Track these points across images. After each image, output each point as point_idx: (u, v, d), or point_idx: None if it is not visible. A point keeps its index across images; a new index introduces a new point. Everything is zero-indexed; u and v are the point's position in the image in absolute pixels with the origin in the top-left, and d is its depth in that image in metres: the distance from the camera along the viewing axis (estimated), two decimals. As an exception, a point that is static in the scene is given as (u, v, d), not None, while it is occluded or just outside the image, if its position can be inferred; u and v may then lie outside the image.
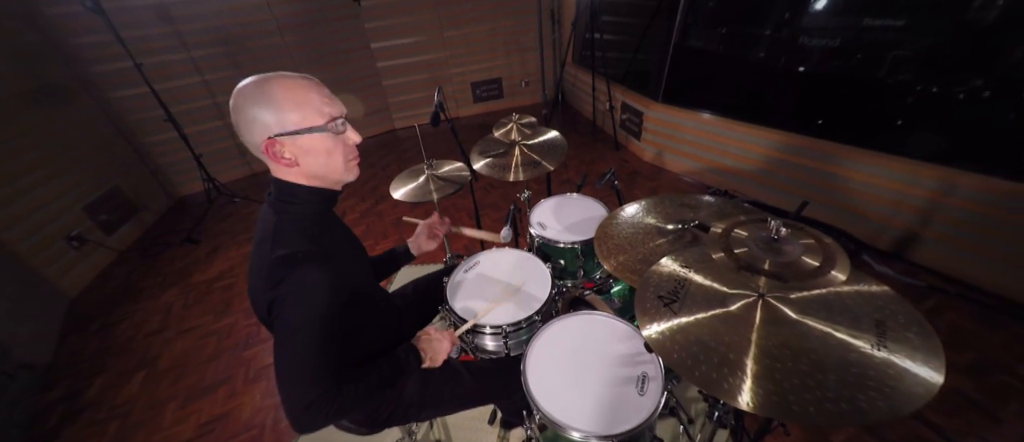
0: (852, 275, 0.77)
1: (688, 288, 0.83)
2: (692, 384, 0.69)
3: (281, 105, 0.76)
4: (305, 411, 0.73)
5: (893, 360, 0.60)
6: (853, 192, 2.24)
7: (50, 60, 3.01)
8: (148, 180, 3.62)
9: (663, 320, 0.77)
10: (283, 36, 3.99)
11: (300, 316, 0.75)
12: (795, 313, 0.71)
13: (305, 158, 0.81)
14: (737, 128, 2.73)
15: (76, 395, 2.01)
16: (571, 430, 0.86)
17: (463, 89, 5.12)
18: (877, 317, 0.67)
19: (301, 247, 0.78)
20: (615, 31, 3.97)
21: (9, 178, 2.49)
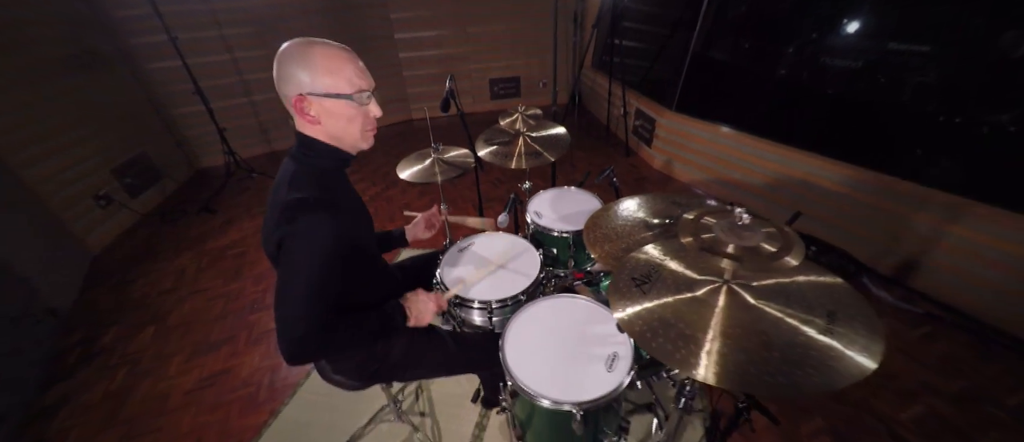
0: (813, 268, 0.81)
1: (661, 273, 0.87)
2: (651, 355, 0.73)
3: (317, 68, 0.84)
4: (297, 342, 0.81)
5: (836, 344, 0.64)
6: (858, 213, 2.23)
7: (94, 28, 3.19)
8: (173, 150, 3.79)
9: (634, 302, 0.81)
10: (310, 19, 4.12)
11: (304, 256, 0.82)
12: (754, 298, 0.75)
13: (327, 119, 0.89)
14: (748, 142, 2.74)
15: (92, 341, 2.14)
16: (540, 398, 0.91)
17: (481, 85, 5.21)
18: (830, 308, 0.71)
19: (314, 194, 0.86)
20: (636, 38, 4.00)
21: (47, 136, 2.65)
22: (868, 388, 1.63)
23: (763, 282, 0.78)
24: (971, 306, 1.89)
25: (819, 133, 2.43)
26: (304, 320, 0.82)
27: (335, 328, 0.86)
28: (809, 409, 1.57)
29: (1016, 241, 1.71)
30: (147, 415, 1.75)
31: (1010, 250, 1.72)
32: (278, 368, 1.91)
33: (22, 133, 2.51)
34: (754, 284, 0.78)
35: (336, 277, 0.87)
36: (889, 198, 2.08)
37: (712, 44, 3.06)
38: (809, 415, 1.56)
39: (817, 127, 2.48)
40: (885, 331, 0.67)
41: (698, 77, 3.14)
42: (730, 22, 2.98)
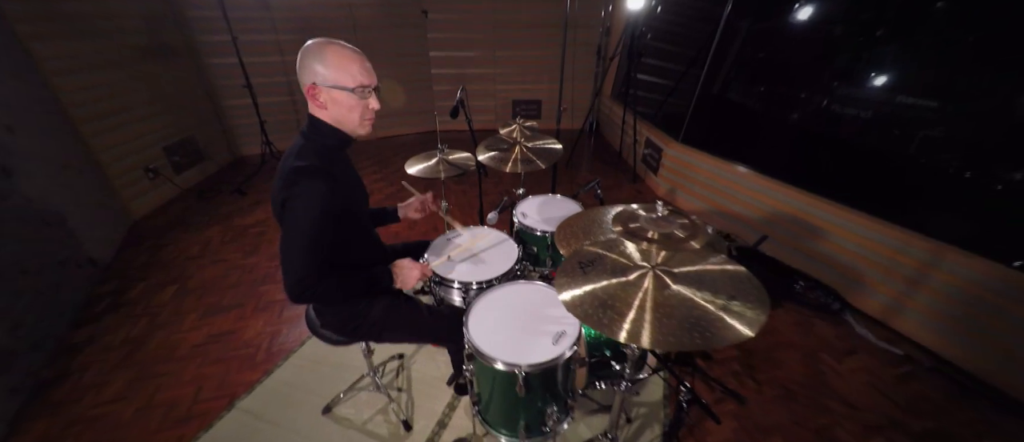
0: (725, 259, 0.92)
1: (605, 261, 1.00)
2: (583, 322, 0.84)
3: (328, 64, 1.03)
4: (297, 284, 0.98)
5: (725, 317, 0.75)
6: (846, 252, 2.26)
7: (168, 24, 3.64)
8: (218, 136, 4.18)
9: (577, 284, 0.93)
10: (356, 33, 4.54)
11: (303, 213, 1.00)
12: (672, 282, 0.86)
13: (333, 106, 1.08)
14: (747, 176, 2.81)
15: (121, 292, 2.38)
16: (492, 360, 1.03)
17: (505, 105, 5.49)
18: (732, 292, 0.81)
19: (314, 163, 1.04)
20: (652, 73, 4.19)
21: (118, 112, 3.03)
22: (833, 417, 1.64)
23: (683, 270, 0.89)
24: (950, 352, 1.87)
25: (815, 173, 2.50)
26: (302, 266, 0.99)
27: (329, 276, 1.03)
28: (770, 430, 1.60)
29: (1000, 292, 1.71)
30: (157, 361, 1.93)
31: (995, 301, 1.73)
32: (277, 334, 2.08)
33: (99, 107, 2.89)
34: (676, 271, 0.89)
35: (329, 233, 1.04)
36: (878, 240, 2.11)
37: (718, 83, 3.20)
38: (769, 435, 1.58)
39: (813, 167, 2.55)
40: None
41: (704, 113, 3.27)
42: (735, 64, 3.13)
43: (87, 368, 1.89)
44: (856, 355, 1.95)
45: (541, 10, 4.92)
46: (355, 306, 1.24)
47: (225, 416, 1.65)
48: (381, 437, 1.57)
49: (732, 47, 3.12)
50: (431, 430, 1.59)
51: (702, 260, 0.93)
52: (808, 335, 2.08)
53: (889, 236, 2.07)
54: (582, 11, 4.81)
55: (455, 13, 4.91)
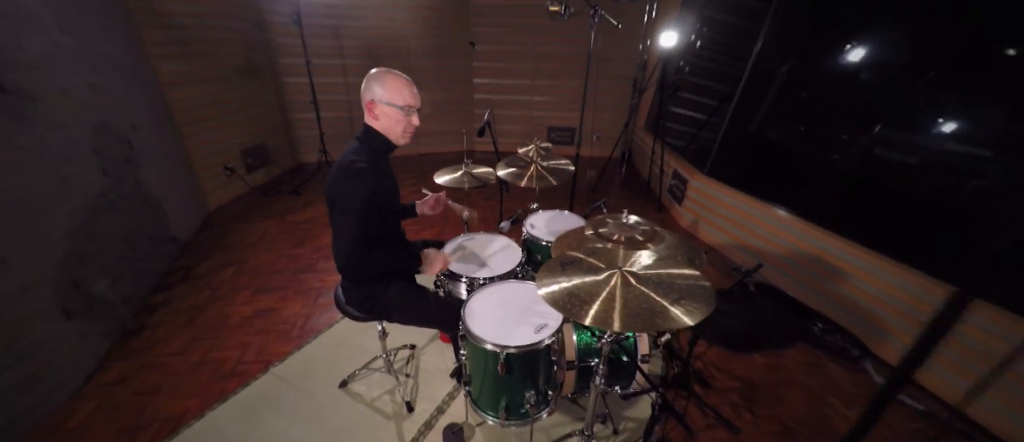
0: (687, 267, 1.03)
1: (583, 263, 1.14)
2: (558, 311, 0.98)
3: (386, 87, 1.32)
4: (350, 255, 1.24)
5: (670, 309, 0.87)
6: (868, 297, 2.19)
7: (258, 49, 4.30)
8: (284, 143, 4.76)
9: (556, 279, 1.08)
10: (412, 60, 5.06)
11: (353, 201, 1.25)
12: (635, 281, 0.99)
13: (383, 118, 1.36)
14: (769, 212, 2.80)
15: (191, 268, 2.80)
16: (480, 340, 1.19)
17: (540, 130, 5.76)
18: (680, 293, 0.93)
19: (365, 161, 1.29)
20: (689, 107, 4.27)
21: (212, 118, 3.62)
22: (829, 459, 1.60)
23: (644, 272, 1.02)
24: (983, 417, 1.75)
25: (846, 215, 2.45)
26: (354, 240, 1.23)
27: (372, 252, 1.28)
28: (759, 463, 1.59)
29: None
30: (213, 327, 2.26)
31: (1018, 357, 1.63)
32: (310, 316, 2.35)
33: (198, 113, 3.47)
34: (639, 272, 1.02)
35: (373, 218, 1.29)
36: (902, 287, 2.04)
37: (756, 120, 3.23)
38: (757, 467, 1.57)
39: (846, 209, 2.50)
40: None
41: (732, 147, 3.30)
42: (775, 101, 3.16)
43: (159, 325, 2.26)
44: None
45: (580, 44, 5.20)
46: (374, 287, 1.45)
47: (260, 378, 1.91)
48: (385, 414, 1.74)
49: (772, 84, 3.14)
50: (430, 414, 1.74)
51: (665, 266, 1.05)
52: (818, 376, 2.03)
53: (914, 283, 2.00)
54: (618, 46, 5.04)
55: (500, 45, 5.33)
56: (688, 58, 4.46)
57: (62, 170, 1.93)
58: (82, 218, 2.01)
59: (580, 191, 4.47)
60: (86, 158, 2.14)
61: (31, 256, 1.70)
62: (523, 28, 5.17)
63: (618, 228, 1.01)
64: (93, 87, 2.30)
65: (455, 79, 5.39)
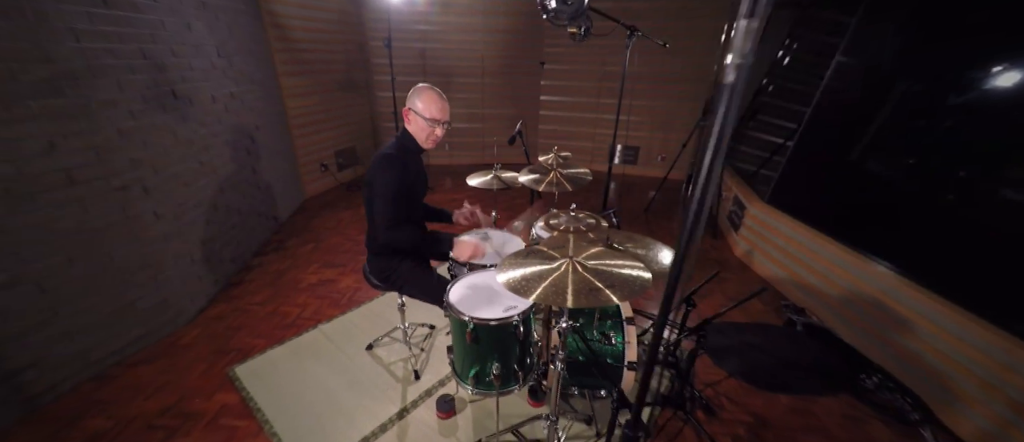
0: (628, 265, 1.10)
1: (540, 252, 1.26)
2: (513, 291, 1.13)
3: (422, 100, 1.62)
4: (387, 229, 1.55)
5: (603, 290, 0.97)
6: (941, 356, 1.86)
7: (358, 68, 5.13)
8: (370, 148, 5.53)
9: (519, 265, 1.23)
10: (483, 79, 5.53)
11: (385, 185, 1.56)
12: (582, 270, 1.09)
13: (413, 124, 1.66)
14: (830, 248, 2.51)
15: (282, 242, 3.45)
16: (456, 310, 1.37)
17: (601, 147, 5.78)
18: (613, 281, 1.01)
19: (395, 154, 1.60)
20: (767, 130, 3.98)
21: (315, 123, 4.42)
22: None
23: (592, 263, 1.11)
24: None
25: (915, 257, 2.11)
26: (390, 217, 1.54)
27: (404, 228, 1.59)
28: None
29: None
30: (287, 287, 2.79)
31: None
32: (358, 290, 2.76)
33: (306, 119, 4.29)
34: (588, 263, 1.12)
35: (402, 200, 1.58)
36: (983, 348, 1.71)
37: (819, 144, 2.93)
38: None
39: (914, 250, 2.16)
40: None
41: (798, 174, 3.01)
42: (833, 126, 2.84)
43: (252, 280, 2.86)
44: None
45: (647, 64, 5.17)
46: (391, 261, 1.74)
47: (310, 331, 2.33)
48: (396, 377, 2.01)
49: (882, 110, 2.74)
50: (432, 384, 1.96)
51: (609, 258, 1.13)
52: (854, 431, 1.78)
53: (999, 346, 1.67)
54: (689, 66, 4.90)
55: (568, 64, 5.54)
56: (773, 76, 4.16)
57: (203, 156, 2.62)
58: (212, 193, 2.69)
59: (633, 209, 4.41)
60: (221, 149, 2.85)
61: (175, 215, 2.34)
62: (590, 47, 5.31)
63: (569, 221, 1.13)
64: (234, 96, 3.06)
65: (523, 96, 5.73)
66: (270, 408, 1.82)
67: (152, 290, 2.19)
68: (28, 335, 1.74)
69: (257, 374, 2.02)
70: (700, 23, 4.80)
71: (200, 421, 1.76)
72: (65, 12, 1.76)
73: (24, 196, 1.66)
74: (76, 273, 1.86)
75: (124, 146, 2.01)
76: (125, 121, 2.02)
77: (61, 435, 1.68)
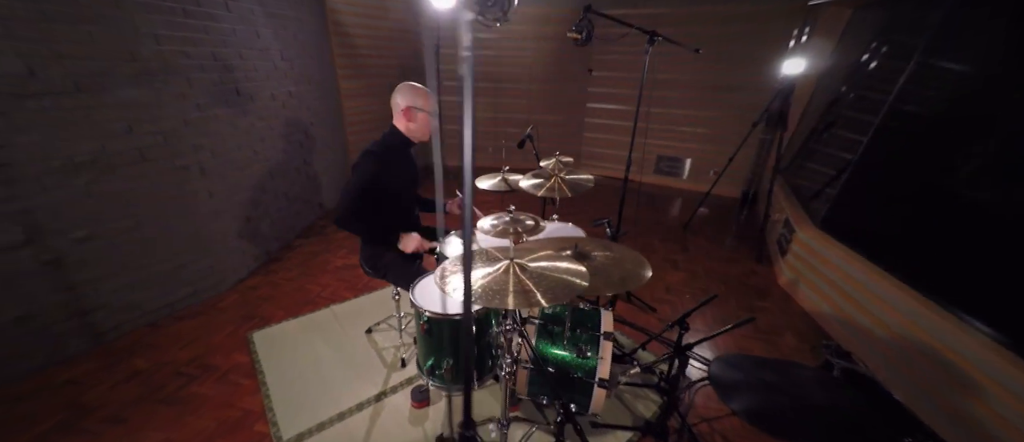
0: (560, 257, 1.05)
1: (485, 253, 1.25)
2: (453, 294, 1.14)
3: (421, 98, 1.79)
4: (342, 216, 1.67)
5: (534, 291, 0.95)
6: (1004, 423, 1.48)
7: (411, 73, 5.48)
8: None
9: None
10: (529, 85, 5.59)
11: (357, 175, 1.67)
12: (520, 272, 1.07)
13: (416, 121, 1.82)
14: (890, 288, 2.12)
15: (324, 227, 3.79)
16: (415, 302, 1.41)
17: (648, 158, 5.51)
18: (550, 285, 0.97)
19: (375, 150, 1.71)
20: (840, 145, 3.51)
21: (367, 121, 4.81)
22: None
23: (532, 265, 1.08)
24: None
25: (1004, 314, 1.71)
26: (346, 205, 1.65)
27: (360, 219, 1.68)
28: None
29: None
30: (315, 268, 3.06)
31: None
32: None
33: (360, 117, 4.68)
34: (528, 265, 1.09)
35: (369, 194, 1.68)
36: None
37: (882, 163, 2.51)
38: None
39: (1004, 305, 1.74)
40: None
41: (856, 196, 2.61)
42: (907, 140, 2.40)
43: (289, 259, 3.18)
44: None
45: (696, 72, 4.86)
46: (376, 249, 1.84)
47: (322, 310, 2.54)
48: (385, 362, 2.10)
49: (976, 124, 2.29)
50: (415, 373, 2.01)
51: (548, 259, 1.09)
52: (877, 504, 1.48)
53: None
54: (739, 73, 4.51)
55: (618, 72, 5.38)
56: (854, 83, 3.65)
57: (258, 146, 2.99)
58: (262, 178, 3.05)
59: (670, 224, 4.14)
60: (276, 140, 3.23)
61: (227, 195, 2.70)
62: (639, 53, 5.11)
63: (512, 223, 1.11)
64: (292, 94, 3.45)
65: (570, 103, 5.67)
66: (270, 373, 2.01)
67: (201, 257, 2.55)
68: (100, 283, 2.12)
69: (269, 341, 2.24)
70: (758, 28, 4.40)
71: (215, 374, 2.01)
72: (151, 20, 2.14)
73: (106, 168, 2.04)
74: (140, 236, 2.23)
75: (188, 133, 2.38)
76: (191, 112, 2.39)
77: (112, 367, 2.02)
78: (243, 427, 1.73)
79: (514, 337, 1.26)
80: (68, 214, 1.96)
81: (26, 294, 1.89)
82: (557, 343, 1.62)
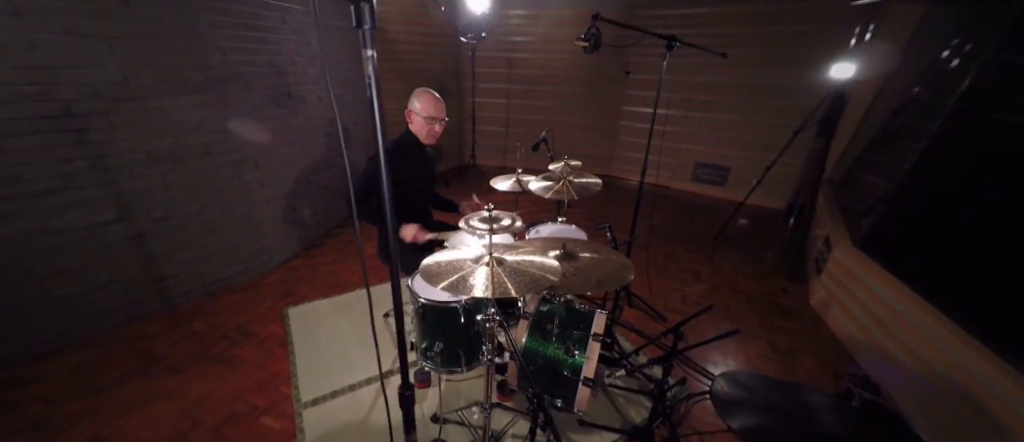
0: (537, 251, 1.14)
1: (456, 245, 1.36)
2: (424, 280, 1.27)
3: (419, 101, 1.91)
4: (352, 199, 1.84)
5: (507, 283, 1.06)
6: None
7: (451, 76, 5.72)
8: (457, 148, 6.09)
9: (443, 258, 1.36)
10: (563, 87, 5.61)
11: (368, 165, 1.87)
12: (497, 265, 1.17)
13: (414, 123, 1.95)
14: (928, 319, 1.94)
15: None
16: (412, 289, 1.56)
17: (685, 164, 5.32)
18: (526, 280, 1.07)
19: (389, 146, 1.88)
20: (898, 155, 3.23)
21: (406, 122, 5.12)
22: None
23: (509, 259, 1.18)
24: None
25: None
26: (356, 190, 1.84)
27: (367, 203, 1.86)
28: None
29: None
30: (349, 256, 3.35)
31: None
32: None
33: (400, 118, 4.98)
34: (507, 259, 1.19)
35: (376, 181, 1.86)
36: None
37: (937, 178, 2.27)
38: None
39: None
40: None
41: (902, 214, 2.38)
42: (969, 153, 2.15)
43: (327, 246, 3.51)
44: None
45: (743, 74, 4.61)
46: (385, 238, 2.02)
47: (349, 293, 2.80)
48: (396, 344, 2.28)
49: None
50: (421, 357, 2.18)
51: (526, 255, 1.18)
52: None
53: None
54: (788, 76, 4.23)
55: (655, 74, 5.22)
56: (926, 84, 3.31)
57: (304, 142, 3.33)
58: (306, 171, 3.40)
59: (701, 233, 3.99)
60: (319, 139, 3.57)
61: (275, 185, 3.05)
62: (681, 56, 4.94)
63: (488, 221, 1.21)
64: (336, 97, 3.78)
65: (604, 106, 5.62)
66: (298, 344, 2.28)
67: (253, 240, 2.91)
68: (172, 255, 2.52)
69: (301, 317, 2.52)
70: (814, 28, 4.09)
71: (254, 340, 2.31)
72: (218, 34, 2.49)
73: (178, 161, 2.42)
74: (203, 219, 2.61)
75: (245, 131, 2.73)
76: (249, 113, 2.74)
77: (175, 327, 2.39)
78: (271, 387, 1.99)
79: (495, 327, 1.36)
80: (149, 198, 2.36)
81: (116, 262, 2.30)
82: (548, 340, 1.69)
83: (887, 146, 3.39)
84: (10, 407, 1.82)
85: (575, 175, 2.21)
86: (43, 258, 2.07)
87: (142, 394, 1.92)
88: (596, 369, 1.61)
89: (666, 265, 3.33)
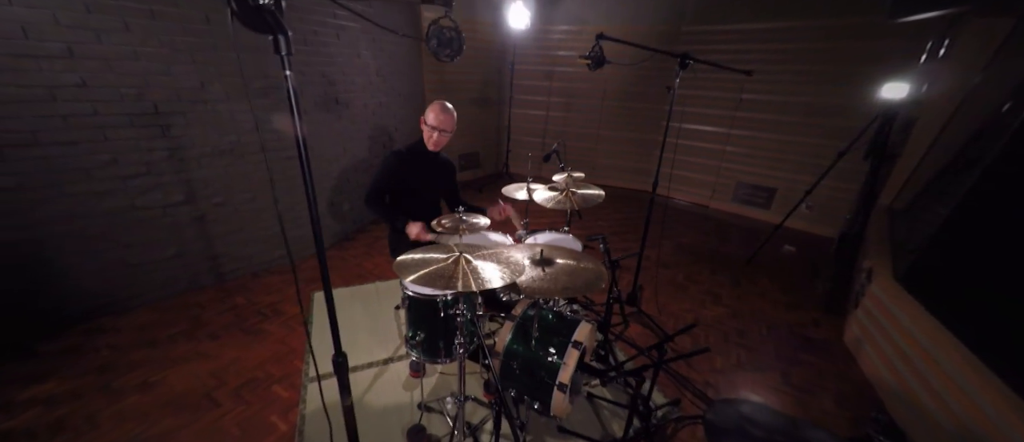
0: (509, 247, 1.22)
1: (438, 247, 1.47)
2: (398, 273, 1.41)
3: (429, 110, 2.07)
4: (367, 196, 2.06)
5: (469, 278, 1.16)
6: None
7: (493, 88, 5.95)
8: (494, 156, 6.30)
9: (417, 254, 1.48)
10: (602, 101, 5.61)
11: (381, 165, 2.06)
12: (465, 263, 1.28)
13: (424, 131, 2.10)
14: (963, 365, 1.72)
15: (395, 218, 4.41)
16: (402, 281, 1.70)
17: (726, 184, 5.07)
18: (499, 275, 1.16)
19: (400, 150, 2.08)
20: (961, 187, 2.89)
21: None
22: None
23: (475, 257, 1.28)
24: None
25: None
26: (369, 189, 2.04)
27: (378, 202, 2.05)
28: None
29: None
30: (375, 250, 3.61)
31: None
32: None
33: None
34: (473, 257, 1.29)
35: (387, 182, 2.06)
36: None
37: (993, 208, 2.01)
38: None
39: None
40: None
41: (951, 247, 2.13)
42: None
43: (359, 239, 3.81)
44: None
45: (789, 93, 4.33)
46: (393, 234, 2.20)
47: (369, 284, 3.03)
48: (400, 334, 2.45)
49: None
50: (421, 349, 2.32)
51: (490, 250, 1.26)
52: None
53: None
54: (841, 94, 3.90)
55: (699, 90, 5.07)
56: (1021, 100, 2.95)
57: (347, 144, 3.68)
58: (347, 169, 3.74)
59: (733, 256, 3.79)
60: (362, 141, 3.91)
61: (318, 181, 3.40)
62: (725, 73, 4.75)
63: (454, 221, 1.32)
64: (382, 104, 4.13)
65: (645, 121, 5.52)
66: (315, 325, 2.52)
67: (295, 228, 3.26)
68: (226, 237, 2.91)
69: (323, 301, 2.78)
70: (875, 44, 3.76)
71: (281, 318, 2.59)
72: (279, 48, 2.87)
73: (238, 155, 2.81)
74: (255, 207, 2.98)
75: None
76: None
77: (222, 300, 2.75)
78: (287, 361, 2.23)
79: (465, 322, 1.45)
80: (212, 185, 2.76)
81: (181, 238, 2.72)
82: (529, 342, 1.75)
83: (961, 175, 3.02)
84: (89, 350, 2.23)
85: (576, 187, 2.25)
86: (127, 230, 2.51)
87: (185, 353, 2.25)
88: (574, 376, 1.64)
89: (685, 285, 3.20)
